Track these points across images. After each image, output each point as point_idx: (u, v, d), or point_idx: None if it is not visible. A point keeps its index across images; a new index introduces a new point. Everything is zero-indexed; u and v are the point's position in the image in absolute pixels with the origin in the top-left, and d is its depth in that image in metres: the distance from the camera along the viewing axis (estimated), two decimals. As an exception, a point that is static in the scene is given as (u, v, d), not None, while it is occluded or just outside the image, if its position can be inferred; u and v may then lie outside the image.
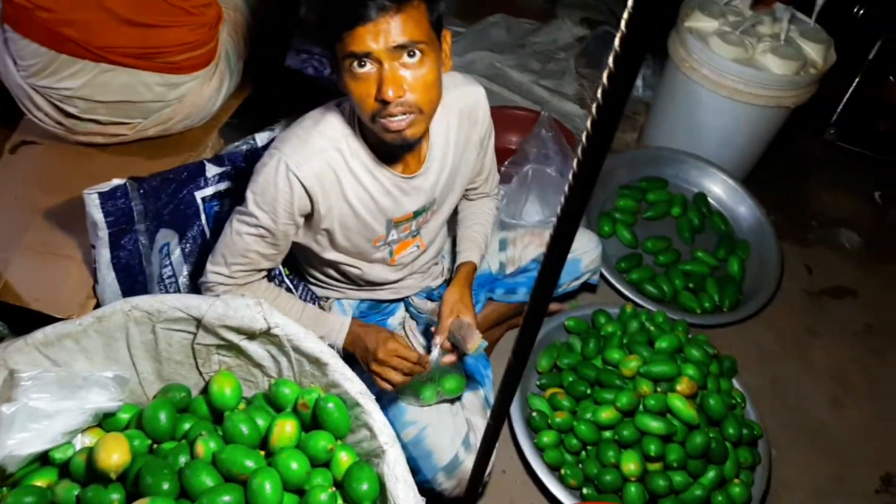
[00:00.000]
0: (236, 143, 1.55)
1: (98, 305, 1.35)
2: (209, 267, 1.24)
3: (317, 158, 1.14)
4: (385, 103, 1.03)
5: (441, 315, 1.35)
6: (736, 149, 2.19)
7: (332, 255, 1.31)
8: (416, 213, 1.30)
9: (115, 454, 1.00)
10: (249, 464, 1.01)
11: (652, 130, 2.38)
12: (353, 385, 1.09)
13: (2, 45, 1.41)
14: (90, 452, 1.02)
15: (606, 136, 0.57)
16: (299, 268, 1.46)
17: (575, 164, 0.61)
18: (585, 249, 1.71)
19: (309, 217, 1.21)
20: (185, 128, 1.59)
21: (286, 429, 1.08)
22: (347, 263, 1.34)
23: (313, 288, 1.48)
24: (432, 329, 1.37)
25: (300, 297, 1.48)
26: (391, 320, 1.56)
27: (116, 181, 1.28)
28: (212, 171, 1.46)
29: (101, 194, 1.25)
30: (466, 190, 1.48)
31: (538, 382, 1.71)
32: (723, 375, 1.68)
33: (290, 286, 1.46)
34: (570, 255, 1.69)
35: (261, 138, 1.53)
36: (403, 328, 1.56)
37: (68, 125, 1.47)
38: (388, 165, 1.21)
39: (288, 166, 1.12)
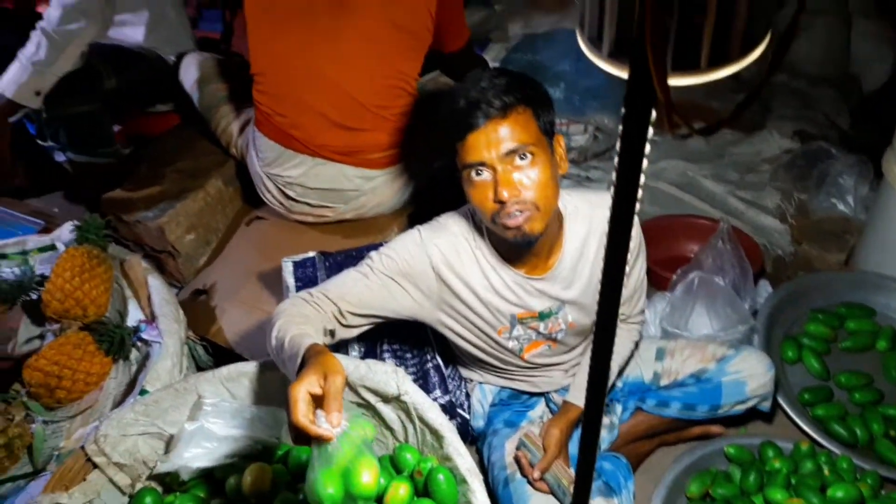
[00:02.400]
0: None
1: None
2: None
3: (449, 238, 1.27)
4: (502, 203, 1.14)
5: (546, 448, 1.37)
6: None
7: (461, 341, 1.39)
8: (542, 315, 1.35)
9: (259, 481, 1.18)
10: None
11: (863, 253, 2.14)
12: (463, 461, 1.15)
13: (252, 142, 1.80)
14: (240, 477, 1.21)
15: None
16: (450, 349, 1.58)
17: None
18: (753, 372, 1.58)
19: (418, 286, 1.28)
20: (376, 214, 1.84)
21: (400, 491, 1.16)
22: (480, 349, 1.40)
23: (460, 368, 1.58)
24: (524, 456, 1.39)
25: (448, 375, 1.58)
26: (531, 413, 1.58)
27: (310, 253, 1.55)
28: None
29: (295, 263, 1.51)
30: None
31: (685, 508, 1.58)
32: (920, 547, 1.40)
33: (440, 363, 1.58)
34: (733, 376, 1.60)
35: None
36: (542, 422, 1.57)
37: (287, 206, 1.80)
38: (511, 265, 1.29)
39: (422, 235, 1.27)
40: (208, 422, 1.25)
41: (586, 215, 1.29)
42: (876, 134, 2.53)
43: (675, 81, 0.50)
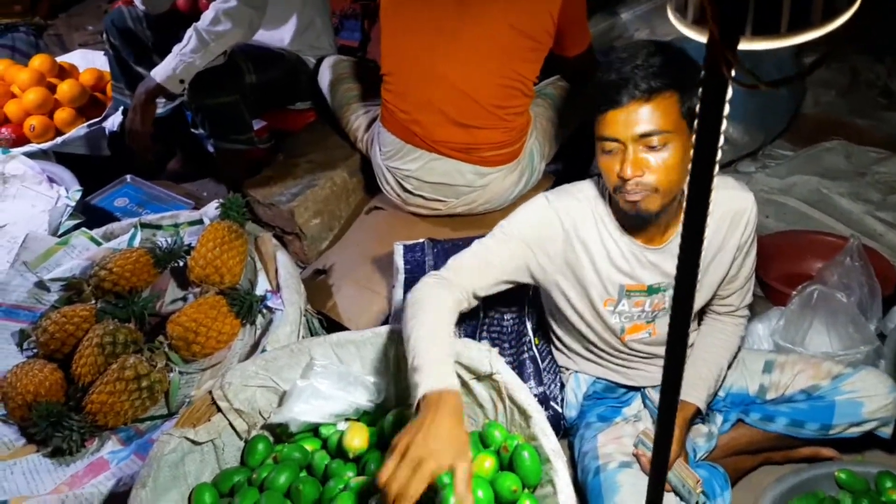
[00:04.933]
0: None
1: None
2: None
3: (575, 202, 1.33)
4: (624, 180, 1.17)
5: None
6: None
7: (569, 309, 1.42)
8: (651, 290, 1.35)
9: (356, 439, 1.28)
10: (445, 480, 1.17)
11: None
12: (548, 441, 1.18)
13: (376, 136, 1.94)
14: (342, 434, 1.31)
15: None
16: (548, 335, 1.61)
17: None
18: (872, 393, 1.47)
19: (546, 249, 1.34)
20: (485, 210, 1.91)
21: (485, 463, 1.21)
22: (584, 320, 1.43)
23: (556, 354, 1.61)
24: (643, 455, 1.41)
25: (544, 368, 1.62)
26: (626, 409, 1.58)
27: (420, 240, 1.64)
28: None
29: (406, 246, 1.61)
30: (715, 297, 1.46)
31: (787, 531, 1.50)
32: None
33: (537, 355, 1.62)
34: (848, 395, 1.52)
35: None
36: (636, 422, 1.55)
37: (404, 197, 1.91)
38: (630, 234, 1.31)
39: (549, 199, 1.33)
40: (317, 381, 1.36)
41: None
42: None
43: (754, 45, 0.53)
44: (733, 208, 1.34)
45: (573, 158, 2.09)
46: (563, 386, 1.59)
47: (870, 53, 3.01)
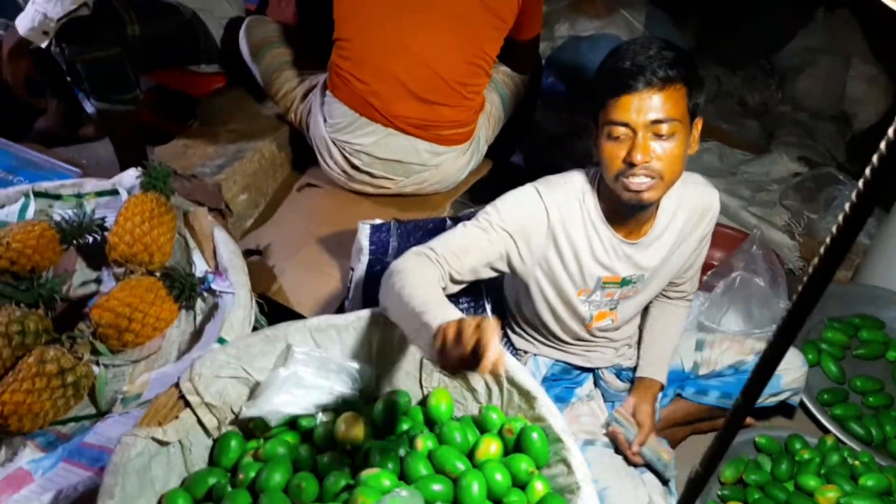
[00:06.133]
0: (471, 210, 1.79)
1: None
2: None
3: (563, 194, 1.33)
4: (632, 165, 1.20)
5: (640, 423, 1.50)
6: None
7: (541, 302, 1.44)
8: (624, 282, 1.41)
9: (353, 430, 1.19)
10: (460, 466, 1.14)
11: (868, 271, 2.30)
12: (557, 421, 1.19)
13: (318, 105, 1.81)
14: (333, 425, 1.22)
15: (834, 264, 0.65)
16: (507, 318, 1.62)
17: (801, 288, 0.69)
18: (788, 366, 1.68)
19: (528, 242, 1.34)
20: (434, 191, 1.87)
21: (491, 447, 1.19)
22: (553, 311, 1.46)
23: (514, 338, 1.62)
24: (620, 433, 1.49)
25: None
26: (579, 390, 1.64)
27: (384, 220, 1.56)
28: (449, 226, 1.70)
29: (373, 226, 1.53)
30: (669, 284, 1.57)
31: (720, 492, 1.66)
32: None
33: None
34: (770, 369, 1.69)
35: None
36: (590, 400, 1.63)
37: (350, 174, 1.81)
38: (612, 226, 1.35)
39: (539, 190, 1.32)
40: (299, 369, 1.25)
41: (678, 190, 1.36)
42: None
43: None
44: (702, 204, 1.43)
45: (503, 145, 2.11)
46: (522, 368, 1.61)
47: (727, 65, 3.39)
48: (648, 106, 1.19)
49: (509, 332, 1.65)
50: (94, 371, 1.37)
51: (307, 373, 1.25)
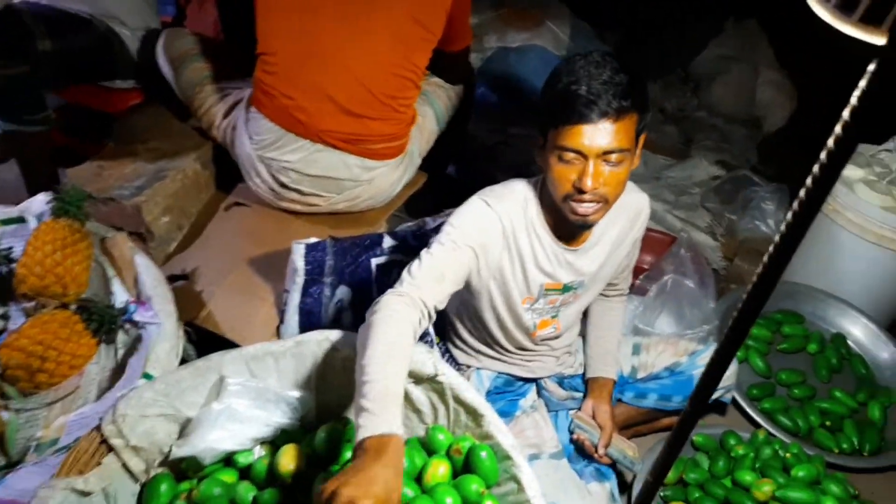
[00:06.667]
0: (409, 224, 1.76)
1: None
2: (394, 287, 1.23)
3: (509, 203, 1.32)
4: (581, 192, 1.20)
5: (602, 425, 1.54)
6: (880, 295, 2.17)
7: (488, 311, 1.43)
8: (565, 288, 1.43)
9: (292, 462, 1.14)
10: (409, 492, 1.10)
11: (786, 270, 2.41)
12: (505, 438, 1.17)
13: (243, 122, 1.74)
14: (272, 458, 1.16)
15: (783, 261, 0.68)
16: (448, 334, 1.60)
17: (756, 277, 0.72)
18: (721, 365, 1.73)
19: (487, 255, 1.32)
20: (367, 207, 1.83)
21: (439, 470, 1.17)
22: (499, 321, 1.45)
23: (456, 353, 1.60)
24: (585, 439, 1.53)
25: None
26: (522, 402, 1.64)
27: (318, 238, 1.51)
28: (388, 242, 1.67)
29: (308, 246, 1.47)
30: (607, 285, 1.60)
31: (662, 493, 1.68)
32: (865, 519, 1.59)
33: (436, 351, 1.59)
34: (702, 369, 1.73)
35: (431, 221, 1.74)
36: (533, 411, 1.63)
37: (278, 192, 1.75)
38: (553, 235, 1.36)
39: (487, 202, 1.31)
40: (233, 402, 1.18)
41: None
42: (779, 169, 2.89)
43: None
44: (635, 208, 1.46)
45: (437, 157, 2.10)
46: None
47: (646, 75, 3.51)
48: (602, 136, 1.18)
49: (451, 347, 1.63)
50: (2, 417, 1.25)
51: (242, 405, 1.19)
